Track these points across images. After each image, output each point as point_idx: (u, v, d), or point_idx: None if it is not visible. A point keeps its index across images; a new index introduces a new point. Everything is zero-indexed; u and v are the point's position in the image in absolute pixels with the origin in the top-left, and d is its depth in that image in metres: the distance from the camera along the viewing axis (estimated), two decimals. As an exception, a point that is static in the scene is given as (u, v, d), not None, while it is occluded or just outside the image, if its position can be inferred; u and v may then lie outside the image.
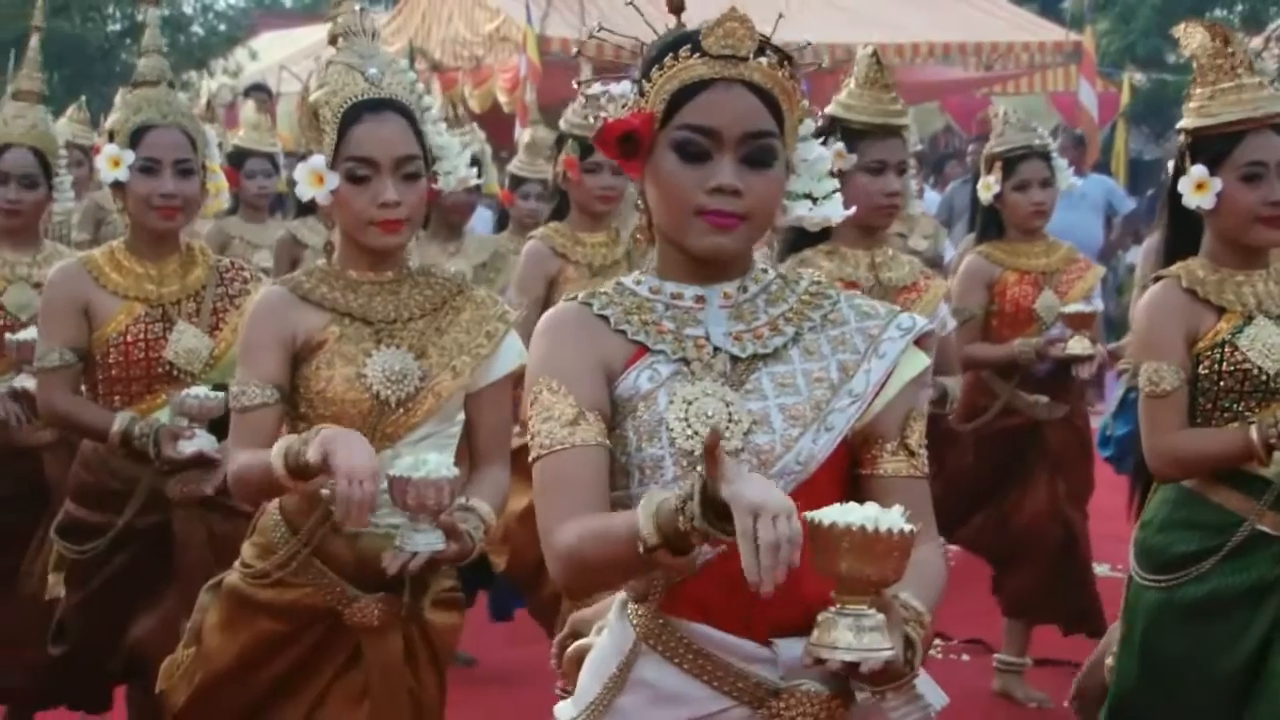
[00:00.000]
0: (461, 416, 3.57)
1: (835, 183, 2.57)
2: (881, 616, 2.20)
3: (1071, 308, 6.02)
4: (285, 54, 19.48)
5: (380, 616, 3.46)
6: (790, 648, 2.38)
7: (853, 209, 2.69)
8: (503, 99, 15.40)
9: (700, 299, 2.50)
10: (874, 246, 4.76)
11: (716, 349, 2.47)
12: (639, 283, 2.53)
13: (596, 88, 2.52)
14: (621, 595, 2.53)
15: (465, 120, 7.04)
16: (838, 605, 2.21)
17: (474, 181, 3.99)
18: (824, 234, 4.51)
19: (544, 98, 13.28)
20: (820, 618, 2.22)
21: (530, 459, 2.45)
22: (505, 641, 6.75)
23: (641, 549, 2.17)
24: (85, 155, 8.55)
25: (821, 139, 2.60)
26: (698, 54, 2.40)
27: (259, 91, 13.52)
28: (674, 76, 2.41)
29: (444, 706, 3.62)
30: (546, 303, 5.51)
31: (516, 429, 4.07)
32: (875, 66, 4.75)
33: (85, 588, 4.40)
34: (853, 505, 2.19)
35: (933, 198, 12.59)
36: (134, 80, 4.52)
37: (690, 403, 2.41)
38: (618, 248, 5.82)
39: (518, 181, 7.31)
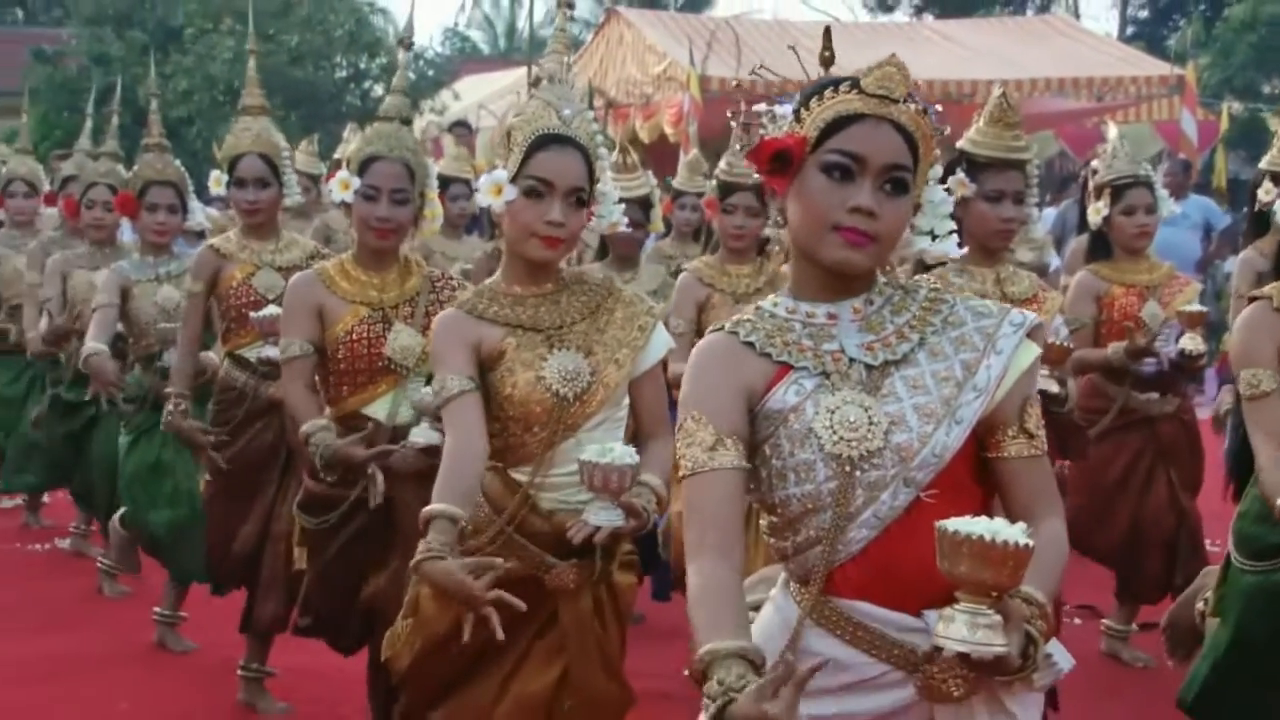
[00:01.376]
0: (626, 401, 3.59)
1: (953, 224, 2.58)
2: (998, 617, 2.20)
3: (1187, 307, 5.92)
4: (483, 94, 19.65)
5: (575, 580, 3.50)
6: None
7: (964, 249, 2.69)
8: (669, 130, 15.48)
9: (832, 316, 2.50)
10: (996, 264, 4.72)
11: (851, 360, 2.48)
12: (776, 305, 2.54)
13: (761, 105, 2.52)
14: (783, 575, 2.58)
15: (637, 167, 7.10)
16: (959, 602, 2.23)
17: (624, 223, 3.98)
18: None
19: (703, 130, 13.33)
20: (943, 611, 2.25)
21: (678, 477, 2.50)
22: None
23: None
24: (314, 183, 8.71)
25: (950, 169, 2.59)
26: (855, 91, 2.42)
27: (460, 126, 13.67)
28: (831, 107, 2.43)
29: (624, 656, 3.65)
30: (699, 322, 5.70)
31: None
32: (1003, 106, 4.68)
33: (322, 556, 4.46)
34: (981, 518, 2.21)
35: (1048, 213, 12.62)
36: (379, 114, 4.58)
37: (834, 411, 2.43)
38: (760, 277, 5.86)
39: (677, 194, 7.36)
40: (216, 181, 5.60)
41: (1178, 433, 6.23)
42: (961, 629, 2.23)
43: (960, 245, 2.61)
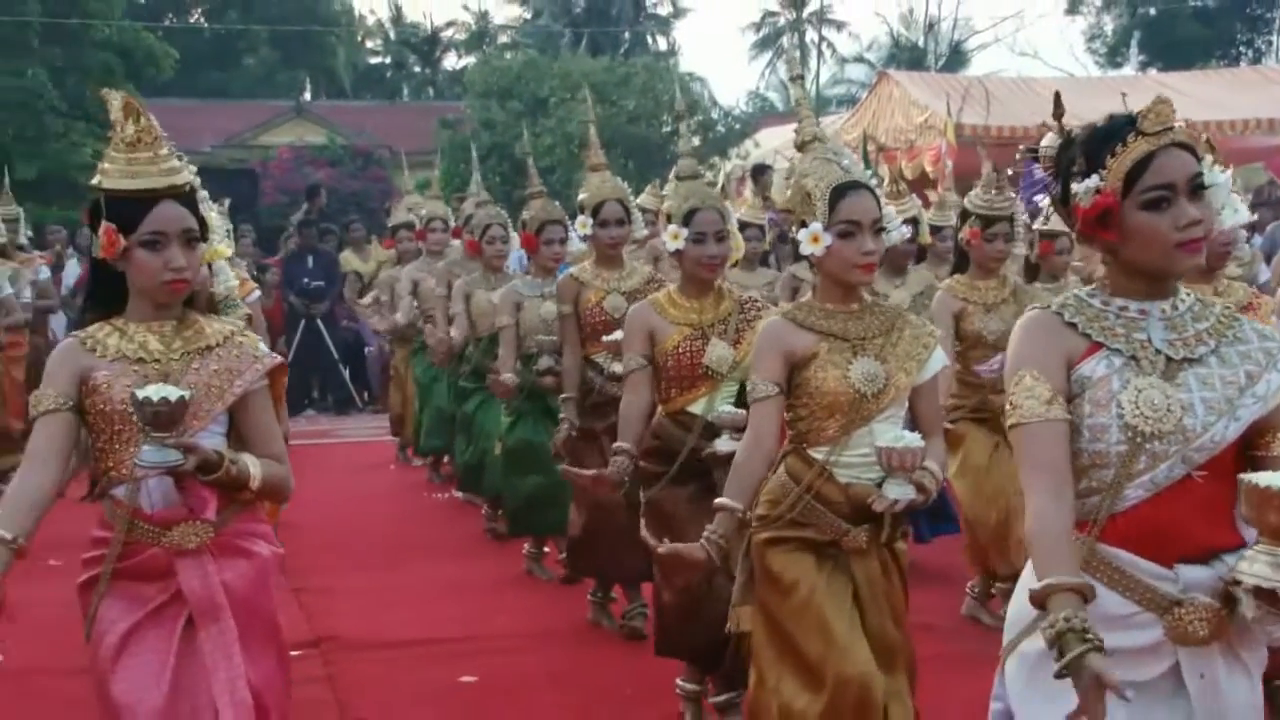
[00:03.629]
0: (906, 402, 3.52)
1: (1238, 197, 2.64)
2: None
3: None
4: (777, 142, 19.59)
5: (867, 542, 3.45)
6: (1188, 572, 2.43)
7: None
8: (928, 169, 15.28)
9: (1143, 311, 2.53)
10: (1214, 280, 4.54)
11: (1157, 351, 2.49)
12: (1092, 296, 2.57)
13: (1041, 190, 2.64)
14: None
15: (906, 193, 7.04)
16: (1261, 546, 2.27)
17: (907, 235, 3.93)
18: None
19: (958, 169, 13.07)
20: (1246, 552, 2.32)
21: (1009, 425, 2.50)
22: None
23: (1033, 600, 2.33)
24: (656, 217, 8.70)
25: None
26: (1137, 135, 2.45)
27: (760, 169, 13.64)
28: (1127, 158, 2.46)
29: (907, 608, 3.57)
30: (958, 330, 5.64)
31: None
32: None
33: (660, 520, 4.46)
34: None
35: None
36: (677, 175, 4.62)
37: (1140, 391, 2.45)
38: (1005, 289, 5.72)
39: (935, 229, 7.21)
40: (582, 225, 5.69)
41: None
42: (1264, 569, 2.26)
43: None
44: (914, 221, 6.67)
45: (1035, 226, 5.96)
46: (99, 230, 2.86)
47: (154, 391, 2.69)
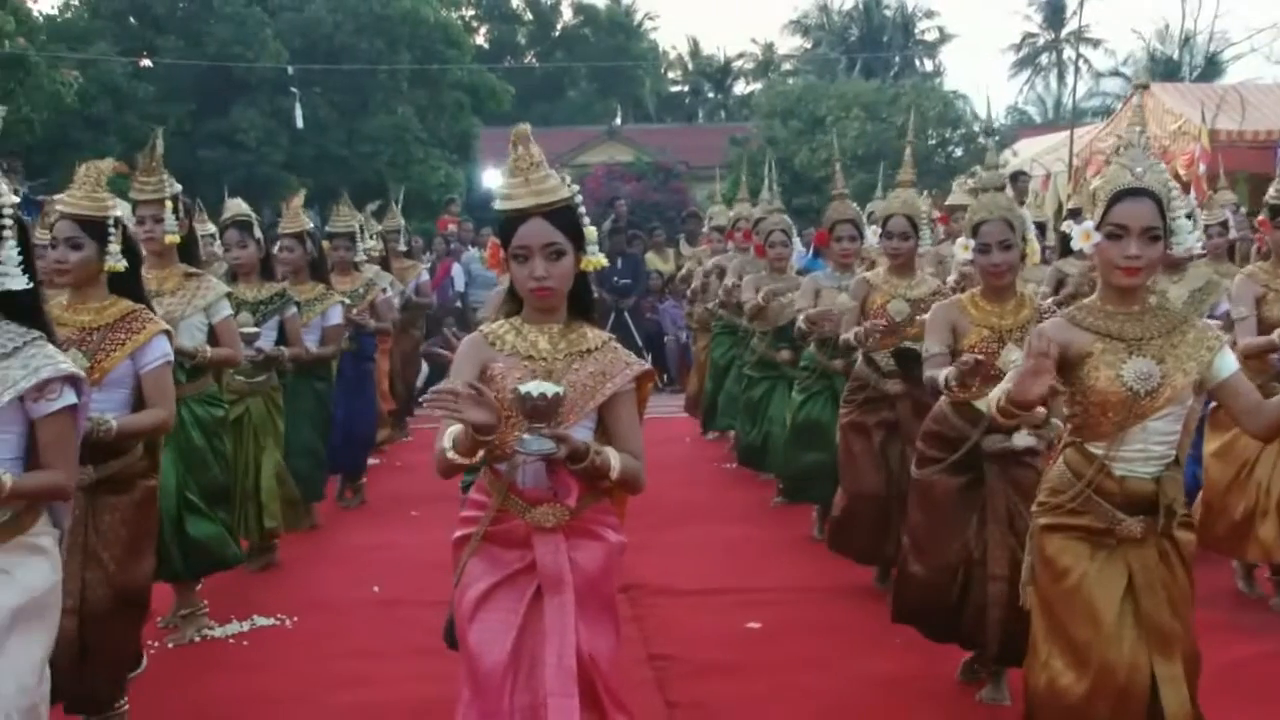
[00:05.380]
0: (1188, 400, 3.23)
1: None
2: None
3: None
4: (1034, 152, 18.77)
5: (1141, 532, 3.21)
6: None
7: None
8: (1181, 172, 14.35)
9: None
10: None
11: None
12: None
13: None
14: None
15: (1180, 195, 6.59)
16: None
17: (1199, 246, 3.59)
18: None
19: (1210, 169, 12.26)
20: None
21: None
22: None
23: None
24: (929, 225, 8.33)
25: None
26: None
27: (1016, 175, 13.12)
28: None
29: (1194, 596, 3.31)
30: (1260, 317, 5.13)
31: None
32: None
33: (926, 501, 4.37)
34: None
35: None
36: (980, 186, 4.41)
37: None
38: None
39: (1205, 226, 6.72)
40: (874, 232, 5.54)
41: None
42: None
43: None
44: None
45: None
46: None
47: (534, 387, 2.72)
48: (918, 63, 39.91)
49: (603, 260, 2.98)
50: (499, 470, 2.92)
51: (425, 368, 11.79)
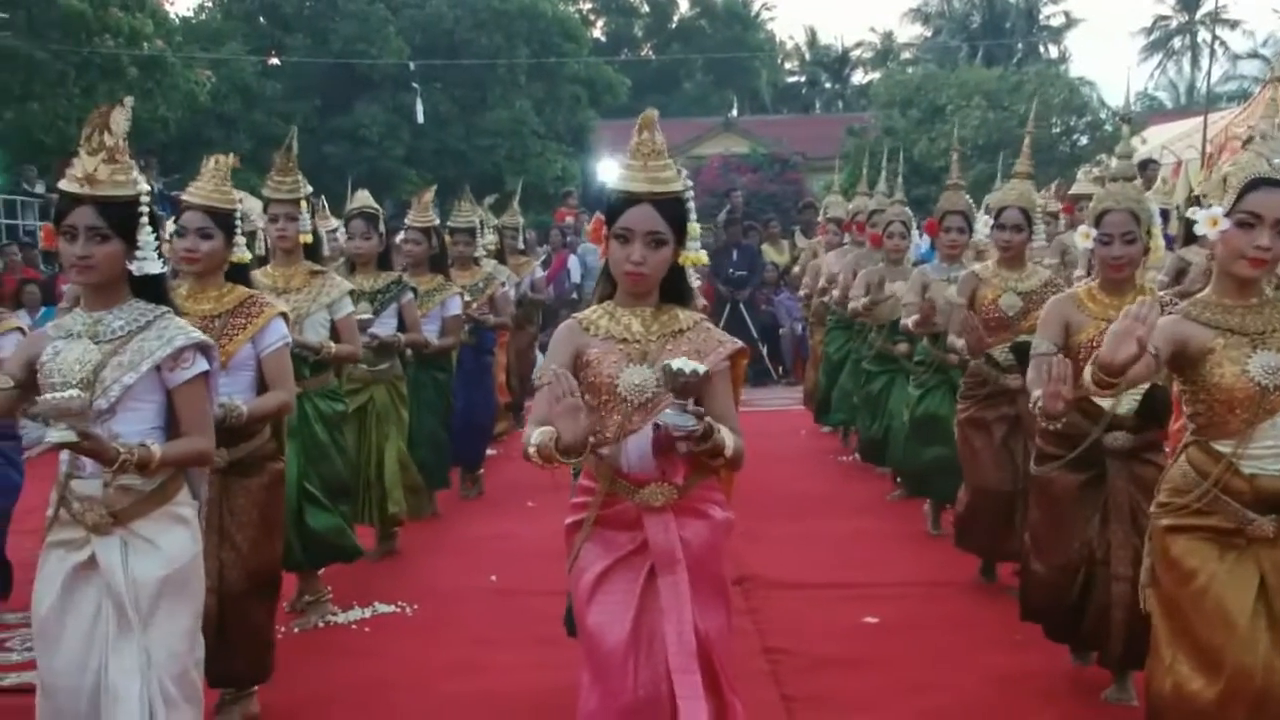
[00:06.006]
0: None
1: None
2: None
3: None
4: (1165, 139, 18.20)
5: (1273, 532, 3.07)
6: None
7: None
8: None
9: None
10: None
11: None
12: None
13: None
14: None
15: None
16: None
17: None
18: None
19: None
20: None
21: None
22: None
23: None
24: (1053, 218, 7.97)
25: None
26: None
27: (1145, 164, 12.72)
28: None
29: None
30: None
31: None
32: None
33: (1046, 499, 4.28)
34: None
35: None
36: (1111, 175, 4.26)
37: None
38: None
39: None
40: (984, 224, 5.44)
41: None
42: None
43: None
44: None
45: None
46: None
47: (684, 364, 2.73)
48: (1042, 49, 38.93)
49: (703, 257, 2.99)
50: (601, 455, 2.93)
51: (540, 360, 11.91)
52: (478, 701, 4.37)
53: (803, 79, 44.05)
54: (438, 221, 7.12)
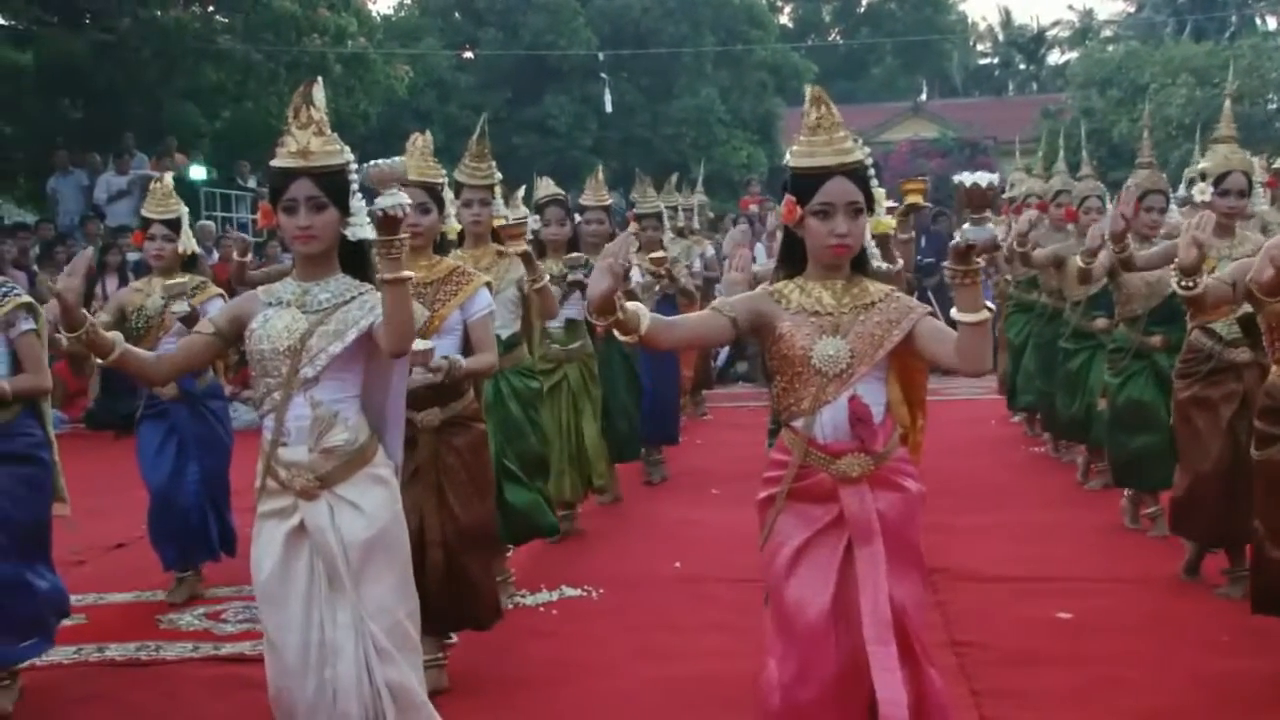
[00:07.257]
0: None
1: None
2: None
3: None
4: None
5: None
6: None
7: None
8: None
9: None
10: None
11: None
12: None
13: None
14: None
15: None
16: None
17: None
18: None
19: None
20: None
21: None
22: None
23: None
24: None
25: None
26: None
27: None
28: None
29: None
30: None
31: None
32: None
33: (1270, 483, 4.04)
34: None
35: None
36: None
37: None
38: None
39: None
40: (1201, 190, 5.16)
41: None
42: None
43: None
44: None
45: None
46: (782, 201, 2.96)
47: (980, 177, 2.73)
48: (1258, 21, 36.76)
49: (891, 223, 2.94)
50: (796, 427, 2.91)
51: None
52: (664, 688, 4.39)
53: (995, 60, 42.81)
54: (611, 202, 7.23)
